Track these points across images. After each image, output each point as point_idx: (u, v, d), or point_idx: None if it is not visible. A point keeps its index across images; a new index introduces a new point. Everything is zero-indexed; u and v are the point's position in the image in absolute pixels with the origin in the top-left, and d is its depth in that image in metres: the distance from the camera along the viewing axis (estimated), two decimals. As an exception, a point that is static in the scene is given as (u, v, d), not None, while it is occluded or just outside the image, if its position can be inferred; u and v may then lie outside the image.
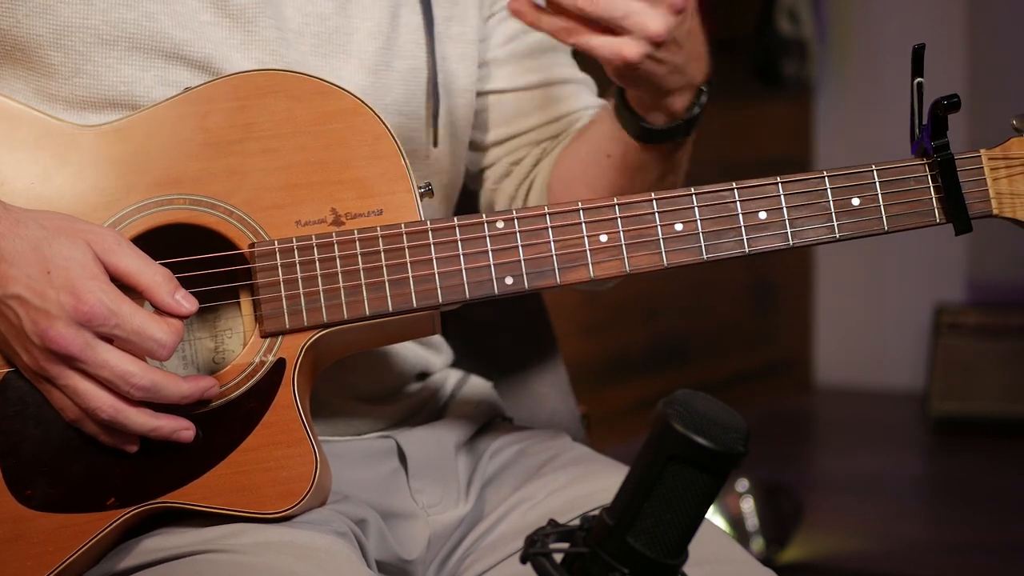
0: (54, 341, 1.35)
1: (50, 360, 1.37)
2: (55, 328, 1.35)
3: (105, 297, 1.36)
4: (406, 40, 1.61)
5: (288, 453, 1.43)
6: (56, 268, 1.36)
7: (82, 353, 1.36)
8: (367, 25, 1.59)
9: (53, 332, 1.35)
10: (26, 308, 1.36)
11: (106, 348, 1.37)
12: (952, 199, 1.49)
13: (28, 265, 1.36)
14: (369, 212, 1.46)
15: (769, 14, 5.58)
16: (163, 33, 1.50)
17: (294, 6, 1.55)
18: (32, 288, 1.36)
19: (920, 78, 1.48)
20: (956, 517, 4.39)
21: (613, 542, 1.09)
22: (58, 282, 1.35)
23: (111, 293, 1.36)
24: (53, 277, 1.35)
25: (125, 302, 1.37)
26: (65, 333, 1.35)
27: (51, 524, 1.41)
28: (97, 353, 1.36)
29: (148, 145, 1.45)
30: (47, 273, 1.36)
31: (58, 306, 1.35)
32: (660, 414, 1.08)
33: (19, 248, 1.36)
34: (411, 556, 1.57)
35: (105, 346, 1.37)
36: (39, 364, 1.38)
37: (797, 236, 1.49)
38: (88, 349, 1.36)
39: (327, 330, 1.44)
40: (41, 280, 1.36)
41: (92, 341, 1.36)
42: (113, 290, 1.37)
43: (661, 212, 1.47)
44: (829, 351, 6.14)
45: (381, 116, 1.47)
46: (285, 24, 1.54)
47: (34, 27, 1.48)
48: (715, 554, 1.49)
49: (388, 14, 1.60)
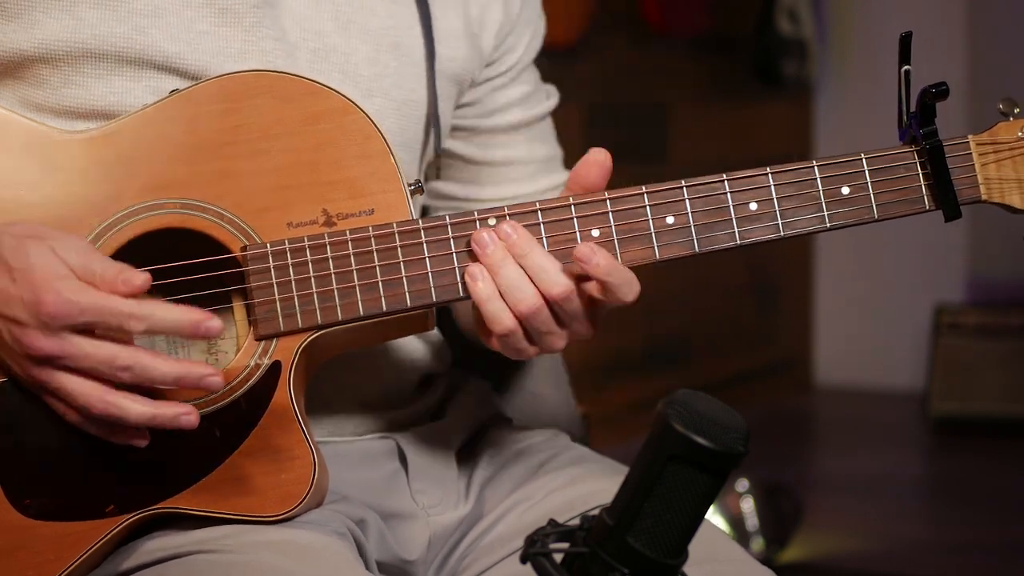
0: (31, 347, 1.35)
1: (35, 366, 1.37)
2: (28, 335, 1.35)
3: (65, 291, 1.35)
4: (407, 72, 1.60)
5: (286, 456, 1.42)
6: (20, 273, 1.36)
7: (61, 351, 1.35)
8: (365, 49, 1.58)
9: (27, 340, 1.35)
10: (3, 321, 1.37)
11: (83, 340, 1.36)
12: (941, 186, 1.49)
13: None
14: (360, 212, 1.46)
15: (769, 14, 5.58)
16: (155, 46, 1.49)
17: (293, 19, 1.55)
18: (1, 297, 1.36)
19: (908, 65, 1.48)
20: (956, 517, 4.39)
21: (613, 542, 1.09)
22: (22, 288, 1.35)
23: (73, 286, 1.35)
24: (18, 284, 1.35)
25: (87, 290, 1.36)
26: (40, 338, 1.35)
27: (51, 533, 1.40)
28: (75, 347, 1.35)
29: (136, 150, 1.44)
30: (12, 281, 1.36)
31: (25, 312, 1.35)
32: (660, 414, 1.08)
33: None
34: (411, 557, 1.57)
35: (81, 339, 1.36)
36: (28, 373, 1.38)
37: (788, 226, 1.49)
38: (66, 345, 1.35)
39: (322, 332, 1.44)
40: (6, 288, 1.36)
41: (67, 337, 1.35)
42: (75, 284, 1.36)
43: (652, 205, 1.47)
44: (829, 351, 6.14)
45: (370, 115, 1.47)
46: (284, 36, 1.54)
47: (21, 41, 1.47)
48: (714, 554, 1.49)
49: (390, 42, 1.59)
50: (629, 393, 4.78)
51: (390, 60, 1.59)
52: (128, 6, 1.48)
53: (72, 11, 1.47)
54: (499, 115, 1.72)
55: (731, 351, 5.79)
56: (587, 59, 4.86)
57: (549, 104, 1.77)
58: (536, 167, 1.75)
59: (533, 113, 1.74)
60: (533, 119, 1.74)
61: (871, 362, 6.00)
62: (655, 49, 5.29)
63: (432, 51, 1.61)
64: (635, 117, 5.26)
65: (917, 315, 5.79)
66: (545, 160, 1.76)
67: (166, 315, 1.37)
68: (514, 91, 1.72)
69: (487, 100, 1.71)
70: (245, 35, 1.51)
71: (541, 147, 1.76)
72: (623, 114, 5.18)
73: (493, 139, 1.72)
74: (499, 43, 1.69)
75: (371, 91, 1.56)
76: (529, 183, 1.74)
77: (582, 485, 1.58)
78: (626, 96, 5.22)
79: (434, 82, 1.62)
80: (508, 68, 1.71)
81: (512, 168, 1.74)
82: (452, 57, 1.64)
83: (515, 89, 1.72)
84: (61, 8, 1.47)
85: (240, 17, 1.51)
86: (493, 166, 1.73)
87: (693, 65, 5.50)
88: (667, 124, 5.42)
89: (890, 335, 5.95)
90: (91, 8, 1.47)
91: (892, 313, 5.96)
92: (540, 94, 1.76)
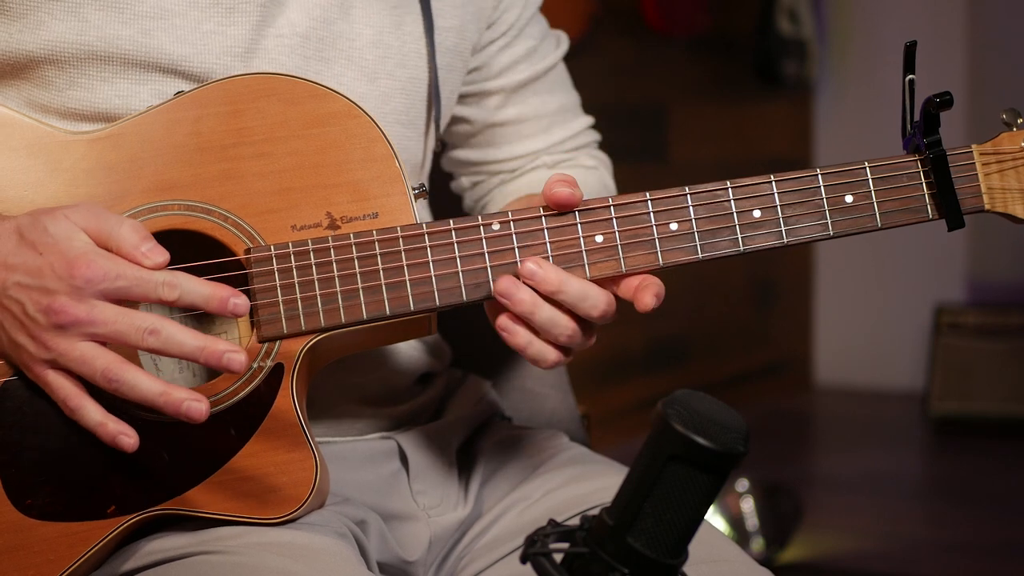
0: (59, 312, 1.35)
1: (58, 335, 1.36)
2: (58, 300, 1.35)
3: (98, 257, 1.35)
4: (409, 49, 1.61)
5: (288, 458, 1.42)
6: (45, 246, 1.36)
7: (89, 315, 1.35)
8: (368, 32, 1.58)
9: (57, 304, 1.35)
10: (27, 292, 1.36)
11: (109, 305, 1.36)
12: (945, 195, 1.49)
13: (19, 253, 1.36)
14: (365, 215, 1.46)
15: (769, 14, 5.59)
16: (160, 49, 1.49)
17: (301, 10, 1.55)
18: (28, 271, 1.36)
19: (912, 75, 1.48)
20: (956, 517, 4.39)
21: (613, 542, 1.09)
22: (51, 258, 1.36)
23: (103, 252, 1.36)
24: (45, 255, 1.36)
25: (118, 259, 1.36)
26: (68, 303, 1.35)
27: (52, 533, 1.40)
28: (103, 311, 1.35)
29: (141, 151, 1.45)
30: (39, 254, 1.36)
31: (55, 279, 1.35)
32: (660, 414, 1.08)
33: (5, 243, 1.37)
34: (412, 557, 1.57)
35: (108, 304, 1.36)
36: (47, 345, 1.37)
37: (791, 234, 1.49)
38: (94, 310, 1.35)
39: (324, 334, 1.44)
40: (34, 260, 1.36)
41: (95, 302, 1.36)
42: (103, 252, 1.36)
43: (656, 212, 1.47)
44: (829, 351, 6.14)
45: (375, 119, 1.47)
46: (293, 29, 1.54)
47: (27, 42, 1.47)
48: (712, 554, 1.49)
49: (391, 22, 1.60)
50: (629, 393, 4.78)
51: (392, 40, 1.59)
52: (134, 8, 1.48)
53: (78, 13, 1.47)
54: (506, 74, 1.72)
55: (731, 351, 5.79)
56: (587, 59, 4.87)
57: (558, 53, 1.77)
58: (550, 119, 1.76)
59: (541, 66, 1.74)
60: (541, 72, 1.74)
61: (871, 362, 6.00)
62: (655, 49, 5.29)
63: (431, 24, 1.62)
64: (635, 117, 5.26)
65: (917, 315, 5.79)
66: (558, 111, 1.76)
67: (196, 287, 1.36)
68: (519, 47, 1.72)
69: (493, 62, 1.71)
70: (252, 33, 1.51)
71: (552, 99, 1.76)
72: (623, 114, 5.18)
73: (504, 99, 1.73)
74: (498, 2, 1.69)
75: (376, 73, 1.56)
76: (543, 137, 1.75)
77: (581, 484, 1.58)
78: (626, 96, 5.23)
79: (434, 56, 1.62)
80: (510, 26, 1.71)
81: (525, 125, 1.74)
82: (450, 27, 1.64)
83: (520, 45, 1.72)
84: (66, 9, 1.47)
85: (247, 15, 1.51)
86: (506, 126, 1.74)
87: (693, 65, 5.50)
88: (667, 124, 5.42)
89: (890, 335, 5.96)
90: (97, 10, 1.47)
91: (892, 313, 5.96)
92: (547, 45, 1.76)
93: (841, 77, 5.97)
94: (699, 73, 5.54)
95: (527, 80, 1.73)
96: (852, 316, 6.07)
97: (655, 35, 5.21)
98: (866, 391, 5.96)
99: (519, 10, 1.71)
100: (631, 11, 5.11)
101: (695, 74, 5.52)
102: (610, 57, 5.09)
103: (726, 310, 5.75)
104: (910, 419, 5.56)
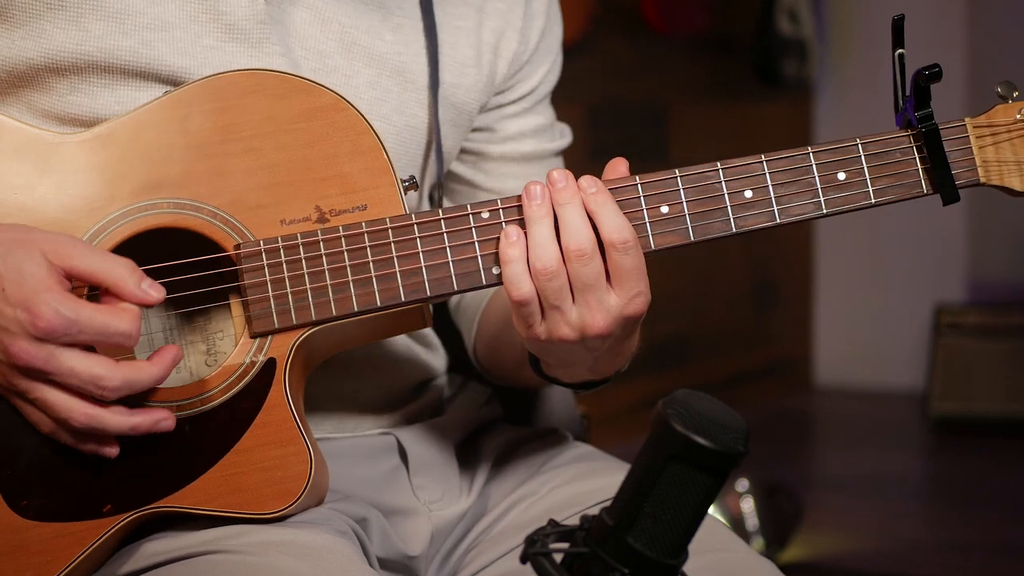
0: (17, 357, 1.34)
1: (18, 376, 1.36)
2: (16, 344, 1.34)
3: (62, 308, 1.34)
4: (409, 98, 1.60)
5: (282, 453, 1.42)
6: (11, 284, 1.34)
7: (47, 365, 1.35)
8: (368, 72, 1.58)
9: (15, 349, 1.34)
10: None
11: (70, 355, 1.35)
12: (939, 169, 1.48)
13: None
14: (354, 208, 1.46)
15: (769, 14, 5.58)
16: (160, 60, 1.49)
17: (298, 38, 1.55)
18: None
19: (901, 49, 1.47)
20: (956, 517, 4.39)
21: (613, 542, 1.09)
22: (13, 299, 1.34)
23: (67, 302, 1.34)
24: (8, 294, 1.34)
25: (83, 307, 1.35)
26: (27, 348, 1.34)
27: (49, 533, 1.40)
28: (62, 363, 1.35)
29: (130, 150, 1.44)
30: (2, 290, 1.34)
31: (16, 323, 1.34)
32: (660, 414, 1.08)
33: None
34: (414, 552, 1.57)
35: (69, 353, 1.35)
36: (8, 380, 1.37)
37: (784, 213, 1.48)
38: (52, 360, 1.34)
39: (316, 328, 1.44)
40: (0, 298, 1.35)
41: (56, 352, 1.34)
42: (69, 299, 1.35)
43: (647, 195, 1.47)
44: (829, 351, 6.14)
45: (361, 112, 1.47)
46: (289, 53, 1.54)
47: (28, 49, 1.47)
48: (713, 544, 1.49)
49: (392, 68, 1.59)
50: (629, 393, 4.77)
51: (392, 85, 1.59)
52: (135, 20, 1.48)
53: (78, 23, 1.47)
54: (512, 143, 1.71)
55: (731, 351, 5.79)
56: (587, 59, 4.86)
57: (563, 142, 1.76)
58: None
59: (547, 147, 1.73)
60: (546, 153, 1.73)
61: (871, 362, 6.00)
62: (655, 49, 5.29)
63: (436, 79, 1.61)
64: (635, 117, 5.26)
65: (917, 315, 5.79)
66: None
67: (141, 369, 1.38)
68: (529, 121, 1.72)
69: (498, 126, 1.71)
70: (251, 51, 1.51)
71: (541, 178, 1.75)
72: (623, 114, 5.18)
73: (502, 167, 1.72)
74: (514, 72, 1.69)
75: (370, 115, 1.56)
76: None
77: (585, 482, 1.59)
78: (626, 96, 5.22)
79: (436, 109, 1.61)
80: (521, 96, 1.71)
81: (507, 190, 1.72)
82: (457, 84, 1.63)
83: (530, 119, 1.72)
84: (67, 19, 1.47)
85: (246, 33, 1.51)
86: (500, 194, 1.71)
87: (693, 65, 5.50)
88: (667, 124, 5.42)
89: (890, 335, 5.95)
90: (97, 20, 1.47)
91: (892, 313, 5.96)
92: (555, 131, 1.76)
93: (841, 77, 5.97)
94: (699, 73, 5.54)
95: (531, 155, 1.72)
96: (852, 316, 6.06)
97: (655, 35, 5.21)
98: (866, 391, 5.96)
99: (535, 84, 1.71)
100: (631, 11, 5.11)
101: (695, 74, 5.52)
102: (610, 57, 5.09)
103: (726, 310, 5.75)
104: (910, 419, 5.56)
